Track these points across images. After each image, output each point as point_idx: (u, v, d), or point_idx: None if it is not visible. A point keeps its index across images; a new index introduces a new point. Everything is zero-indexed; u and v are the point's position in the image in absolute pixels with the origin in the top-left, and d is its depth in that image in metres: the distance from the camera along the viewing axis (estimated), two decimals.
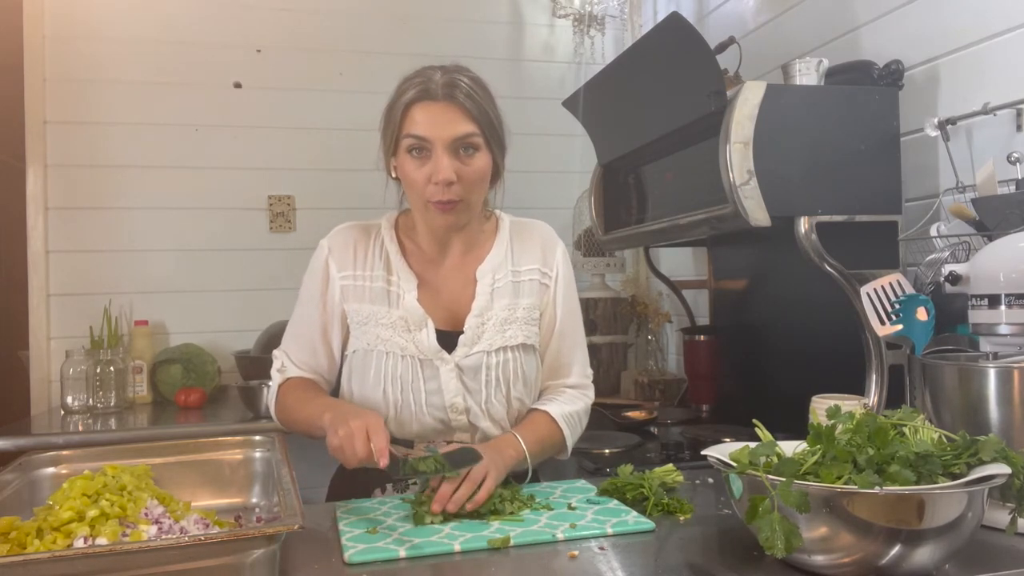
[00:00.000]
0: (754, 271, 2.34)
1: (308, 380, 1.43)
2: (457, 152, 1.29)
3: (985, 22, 1.58)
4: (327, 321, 1.42)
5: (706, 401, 2.42)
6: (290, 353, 1.44)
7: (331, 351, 1.43)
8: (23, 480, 1.17)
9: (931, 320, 1.28)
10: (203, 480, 1.27)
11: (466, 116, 1.29)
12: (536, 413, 1.41)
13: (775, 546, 0.87)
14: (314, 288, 1.43)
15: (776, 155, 1.59)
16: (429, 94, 1.28)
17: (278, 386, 1.42)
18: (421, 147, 1.29)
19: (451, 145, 1.28)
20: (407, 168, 1.32)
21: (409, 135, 1.29)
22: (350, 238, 1.43)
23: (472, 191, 1.33)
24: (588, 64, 3.19)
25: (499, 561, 1.02)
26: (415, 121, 1.29)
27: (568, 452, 1.44)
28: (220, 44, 2.87)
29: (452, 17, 3.10)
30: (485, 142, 1.32)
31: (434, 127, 1.28)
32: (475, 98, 1.29)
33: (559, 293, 1.45)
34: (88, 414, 2.42)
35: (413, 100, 1.29)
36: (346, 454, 1.17)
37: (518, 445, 1.32)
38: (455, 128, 1.28)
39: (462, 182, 1.30)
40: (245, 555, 0.86)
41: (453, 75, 1.30)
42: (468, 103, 1.28)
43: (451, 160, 1.28)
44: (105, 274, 2.75)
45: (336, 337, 1.43)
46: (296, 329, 1.45)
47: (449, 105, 1.28)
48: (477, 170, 1.31)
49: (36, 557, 0.81)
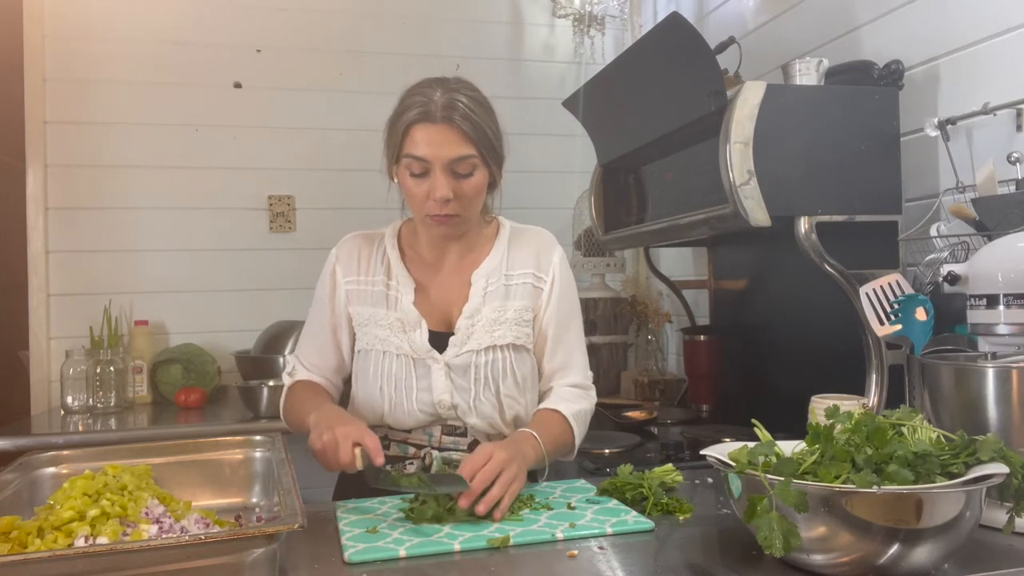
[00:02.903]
0: (754, 271, 2.34)
1: (312, 383, 1.50)
2: (454, 172, 1.35)
3: (985, 22, 1.58)
4: (335, 323, 1.51)
5: (706, 401, 2.42)
6: (302, 356, 1.53)
7: (340, 352, 1.52)
8: (23, 480, 1.17)
9: (930, 320, 1.28)
10: (203, 480, 1.27)
11: (463, 138, 1.33)
12: (548, 412, 1.42)
13: (773, 545, 0.88)
14: (323, 293, 1.52)
15: (776, 155, 1.59)
16: (428, 116, 1.33)
17: (287, 388, 1.51)
18: (421, 168, 1.35)
19: (448, 166, 1.34)
20: (407, 183, 1.38)
21: (409, 155, 1.35)
22: (355, 246, 1.52)
23: (468, 207, 1.40)
24: (588, 64, 3.19)
25: (499, 561, 1.02)
26: (415, 142, 1.34)
27: (575, 453, 1.45)
28: (220, 44, 2.87)
29: (452, 17, 3.10)
30: (482, 160, 1.37)
31: (432, 148, 1.33)
32: (473, 119, 1.34)
33: (555, 296, 1.46)
34: (88, 414, 2.42)
35: (413, 121, 1.34)
36: (328, 458, 1.22)
37: (538, 445, 1.32)
38: (452, 151, 1.33)
39: (459, 199, 1.36)
40: (245, 554, 0.87)
41: (452, 95, 1.34)
42: (466, 125, 1.33)
43: (448, 179, 1.34)
44: (105, 274, 2.75)
45: (345, 338, 1.51)
46: (309, 331, 1.55)
47: (447, 127, 1.32)
48: (473, 187, 1.38)
49: (37, 556, 0.81)
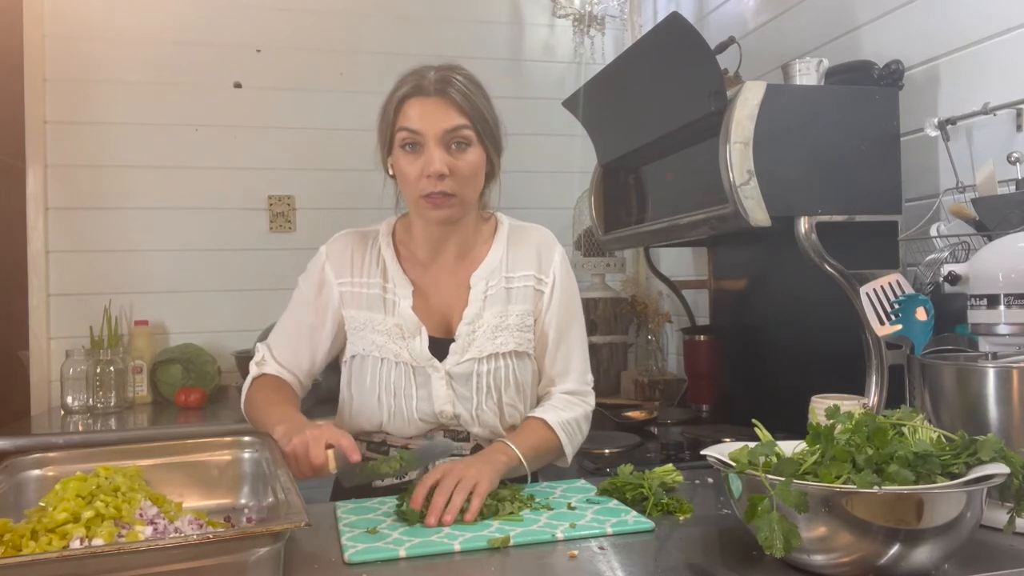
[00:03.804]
0: (754, 271, 2.34)
1: (281, 381, 1.44)
2: (449, 146, 1.32)
3: (985, 22, 1.58)
4: (315, 325, 1.44)
5: (706, 401, 2.42)
6: (273, 348, 1.46)
7: (314, 355, 1.45)
8: (9, 483, 1.15)
9: (930, 320, 1.28)
10: (191, 481, 1.25)
11: (457, 110, 1.31)
12: (531, 420, 1.40)
13: (774, 546, 0.88)
14: (308, 292, 1.44)
15: (776, 155, 1.59)
16: (422, 90, 1.31)
17: (252, 378, 1.44)
18: (414, 141, 1.32)
19: (443, 138, 1.31)
20: (401, 163, 1.34)
21: (402, 128, 1.32)
22: (347, 245, 1.45)
23: (465, 185, 1.34)
24: (588, 64, 3.19)
25: (499, 561, 1.02)
26: (408, 116, 1.32)
27: (568, 459, 1.43)
28: (220, 44, 2.87)
29: (452, 17, 3.10)
30: (477, 136, 1.34)
31: (425, 120, 1.30)
32: (467, 94, 1.32)
33: (555, 299, 1.43)
34: (88, 414, 2.42)
35: (406, 96, 1.33)
36: (299, 462, 1.18)
37: (510, 451, 1.30)
38: (446, 121, 1.30)
39: (454, 176, 1.32)
40: (249, 553, 0.86)
41: (447, 72, 1.33)
42: (459, 98, 1.31)
43: (443, 153, 1.31)
44: (105, 274, 2.75)
45: (322, 342, 1.44)
46: (284, 327, 1.47)
47: (441, 100, 1.31)
48: (469, 164, 1.33)
49: (44, 557, 0.81)
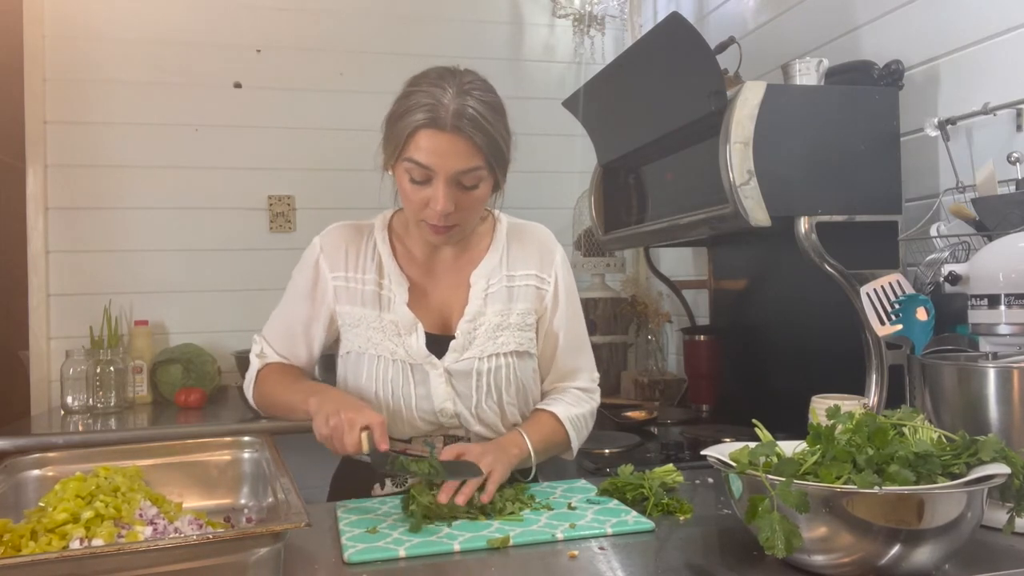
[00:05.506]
0: (754, 271, 2.34)
1: (289, 365, 1.44)
2: (459, 184, 1.26)
3: (985, 22, 1.58)
4: (311, 317, 1.42)
5: (706, 401, 2.42)
6: (270, 340, 1.45)
7: (311, 347, 1.44)
8: (8, 483, 1.15)
9: (931, 320, 1.28)
10: (191, 481, 1.26)
11: (473, 149, 1.23)
12: (542, 413, 1.41)
13: (775, 546, 0.87)
14: (303, 284, 1.43)
15: (776, 155, 1.59)
16: (437, 122, 1.21)
17: (257, 370, 1.44)
18: (423, 177, 1.25)
19: (453, 177, 1.25)
20: (405, 187, 1.29)
21: (412, 160, 1.24)
22: (342, 238, 1.42)
23: (468, 218, 1.32)
24: (588, 64, 3.19)
25: (499, 561, 1.02)
26: (420, 148, 1.23)
27: (573, 453, 1.44)
28: (220, 44, 2.87)
29: (452, 17, 3.10)
30: (489, 171, 1.28)
31: (438, 158, 1.23)
32: (484, 127, 1.23)
33: (559, 299, 1.43)
34: (88, 414, 2.42)
35: (420, 125, 1.22)
36: (335, 444, 1.19)
37: (523, 443, 1.32)
38: (459, 163, 1.23)
39: (459, 211, 1.28)
40: (249, 553, 0.86)
41: (463, 100, 1.22)
42: (476, 136, 1.22)
43: (451, 191, 1.25)
44: (105, 274, 2.75)
45: (319, 335, 1.43)
46: (279, 320, 1.46)
47: (456, 137, 1.22)
48: (476, 199, 1.29)
49: (44, 557, 0.81)
